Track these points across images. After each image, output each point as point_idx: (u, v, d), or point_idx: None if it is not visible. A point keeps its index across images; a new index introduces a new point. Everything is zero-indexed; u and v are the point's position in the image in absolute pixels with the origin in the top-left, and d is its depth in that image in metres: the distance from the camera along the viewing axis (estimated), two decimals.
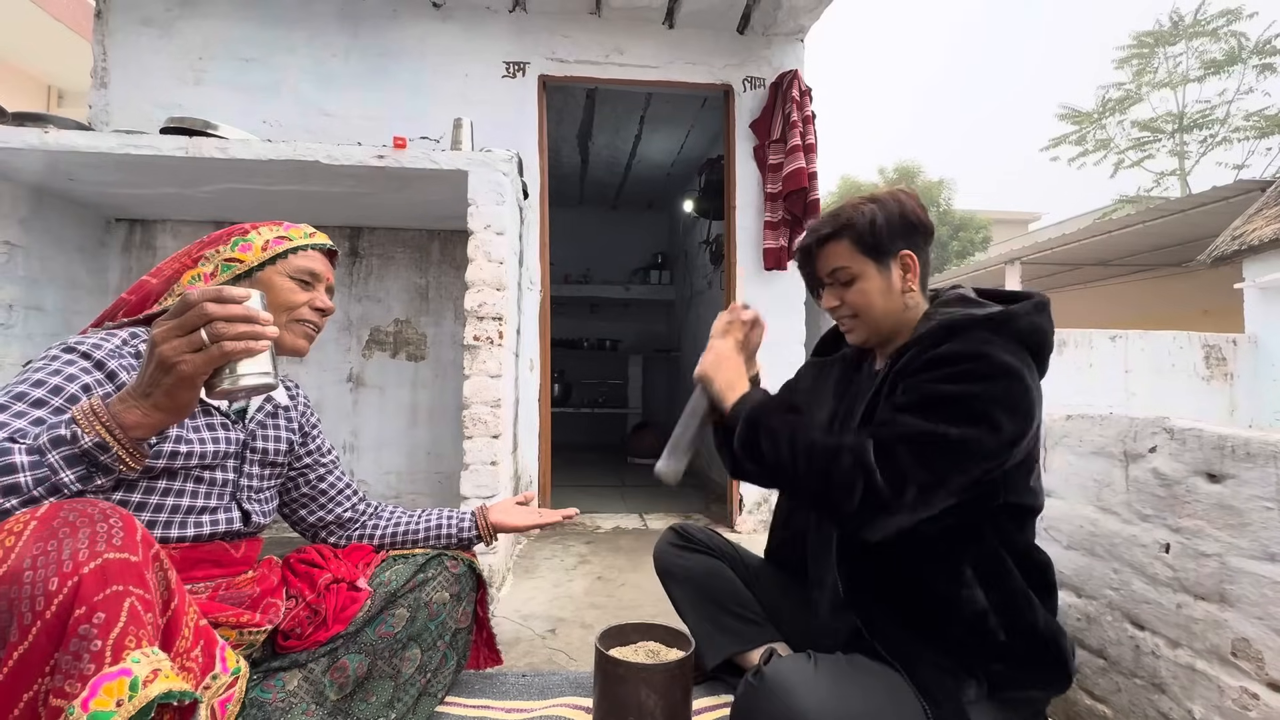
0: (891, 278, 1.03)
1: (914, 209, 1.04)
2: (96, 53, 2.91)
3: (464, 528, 1.26)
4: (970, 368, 0.88)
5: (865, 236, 1.02)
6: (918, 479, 0.85)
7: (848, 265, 1.03)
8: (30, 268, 2.43)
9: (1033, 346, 0.95)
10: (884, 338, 1.07)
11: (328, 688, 1.01)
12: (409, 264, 2.99)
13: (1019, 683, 0.93)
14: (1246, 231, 6.06)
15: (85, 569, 0.59)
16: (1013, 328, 0.94)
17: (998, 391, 0.87)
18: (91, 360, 0.86)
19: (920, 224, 1.04)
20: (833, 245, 1.05)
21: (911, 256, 1.03)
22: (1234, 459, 0.98)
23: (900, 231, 1.03)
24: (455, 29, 3.07)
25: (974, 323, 0.94)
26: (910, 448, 0.86)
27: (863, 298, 1.04)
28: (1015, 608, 0.93)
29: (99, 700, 0.55)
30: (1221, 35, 13.01)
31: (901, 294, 1.04)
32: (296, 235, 1.06)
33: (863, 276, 1.03)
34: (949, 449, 0.85)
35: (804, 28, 3.22)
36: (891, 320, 1.05)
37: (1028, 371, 0.91)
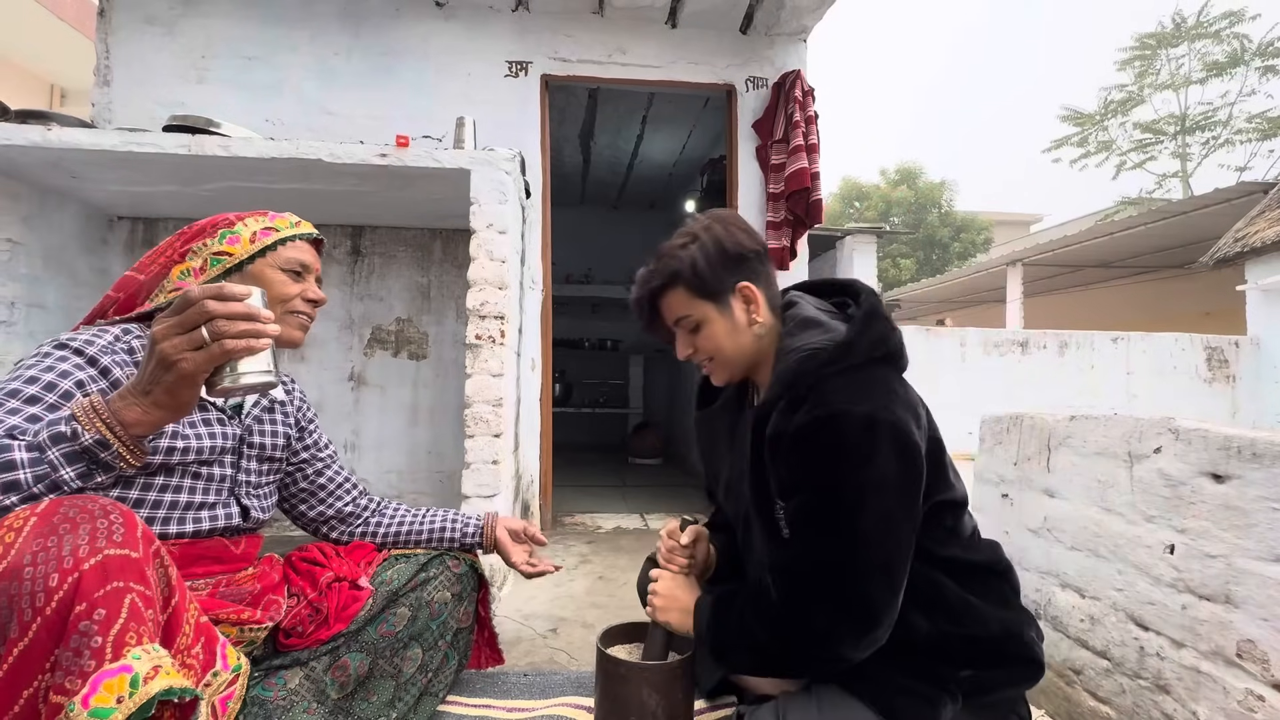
0: (734, 315, 1.00)
1: (734, 237, 1.00)
2: (99, 51, 2.91)
3: (468, 532, 1.26)
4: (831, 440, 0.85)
5: (694, 281, 0.99)
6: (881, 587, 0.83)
7: (689, 313, 1.01)
8: (33, 265, 2.43)
9: (884, 356, 0.93)
10: (748, 371, 1.05)
11: (329, 686, 1.00)
12: (411, 263, 2.99)
13: (992, 685, 0.92)
14: (1249, 233, 6.05)
15: (86, 565, 0.59)
16: (856, 354, 0.91)
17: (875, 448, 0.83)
18: (84, 356, 0.86)
19: (747, 250, 1.00)
20: (668, 295, 1.02)
21: (749, 287, 0.99)
22: (1240, 459, 0.97)
23: (730, 265, 0.99)
24: (458, 28, 3.06)
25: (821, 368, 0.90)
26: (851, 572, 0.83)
27: (712, 342, 1.01)
28: (959, 620, 0.91)
29: (99, 697, 0.55)
30: (1224, 37, 13.00)
31: (749, 326, 1.00)
32: (283, 225, 1.04)
33: (706, 321, 1.00)
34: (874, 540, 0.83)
35: (807, 28, 3.22)
36: (747, 354, 1.02)
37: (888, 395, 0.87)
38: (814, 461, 0.86)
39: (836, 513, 0.85)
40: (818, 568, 0.85)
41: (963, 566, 0.95)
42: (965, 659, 0.91)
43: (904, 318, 14.02)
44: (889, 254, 15.69)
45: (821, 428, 0.86)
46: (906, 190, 17.08)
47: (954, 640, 0.90)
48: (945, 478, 0.95)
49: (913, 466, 0.86)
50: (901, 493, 0.85)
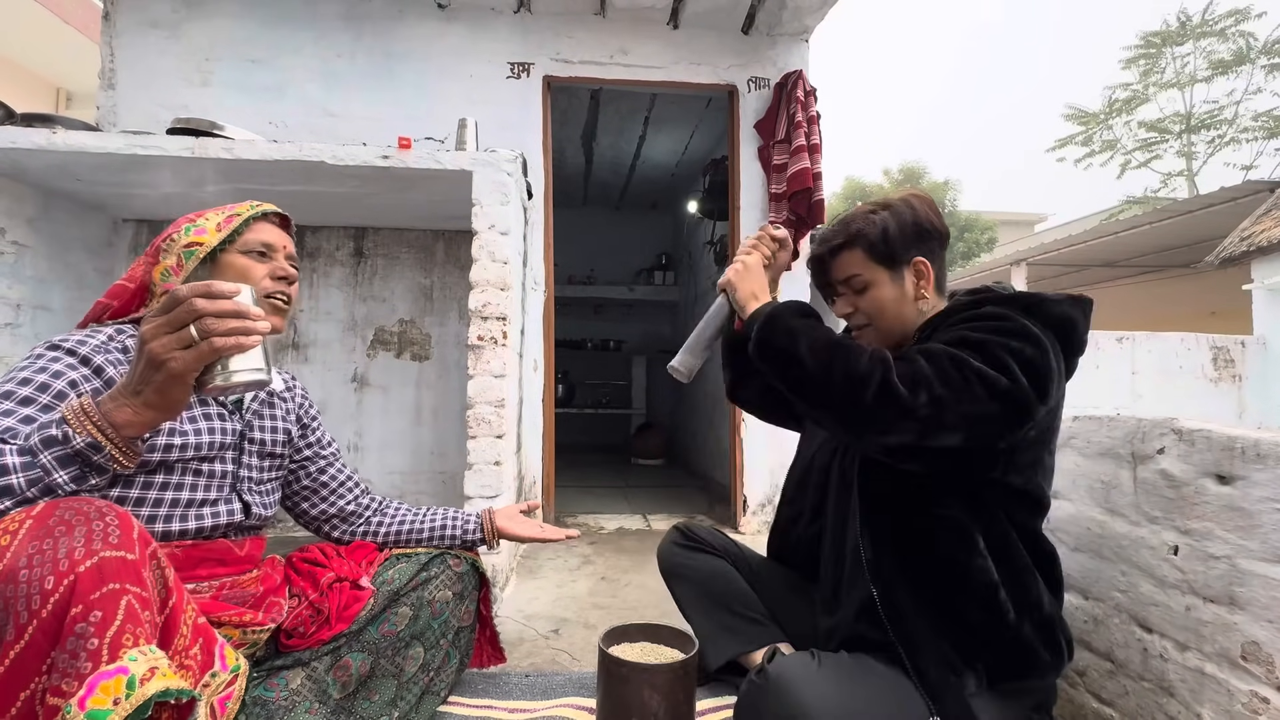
0: (905, 285, 1.03)
1: (927, 215, 1.04)
2: (104, 54, 2.93)
3: (469, 530, 1.26)
4: (998, 324, 0.89)
5: (878, 245, 1.02)
6: (934, 388, 0.84)
7: (860, 273, 1.04)
8: (38, 267, 2.45)
9: (1061, 334, 0.94)
10: (899, 343, 1.07)
11: (331, 686, 1.00)
12: (413, 264, 2.99)
13: (1018, 671, 0.93)
14: (1255, 233, 6.01)
15: (81, 567, 0.59)
16: (1043, 311, 0.94)
17: (1020, 349, 0.87)
18: (77, 356, 0.86)
19: (933, 230, 1.04)
20: (845, 254, 1.05)
21: (925, 263, 1.03)
22: (1244, 460, 0.97)
23: (913, 239, 1.02)
24: (460, 30, 3.07)
25: (1004, 299, 0.95)
26: (932, 362, 0.86)
27: (876, 305, 1.03)
28: (1023, 584, 0.93)
29: (96, 699, 0.55)
30: (1229, 35, 12.93)
31: (915, 301, 1.03)
32: (244, 210, 1.04)
33: (876, 284, 1.03)
34: (967, 373, 0.85)
35: (809, 28, 3.21)
36: (904, 326, 1.04)
37: (1052, 350, 0.90)
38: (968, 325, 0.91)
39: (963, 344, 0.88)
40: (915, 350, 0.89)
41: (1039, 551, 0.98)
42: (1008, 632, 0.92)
43: None
44: None
45: (992, 315, 0.91)
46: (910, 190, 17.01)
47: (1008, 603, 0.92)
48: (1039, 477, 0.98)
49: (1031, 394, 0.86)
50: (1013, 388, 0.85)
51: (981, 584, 0.92)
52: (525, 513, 1.33)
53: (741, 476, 3.08)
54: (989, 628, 0.92)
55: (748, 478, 3.08)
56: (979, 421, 0.86)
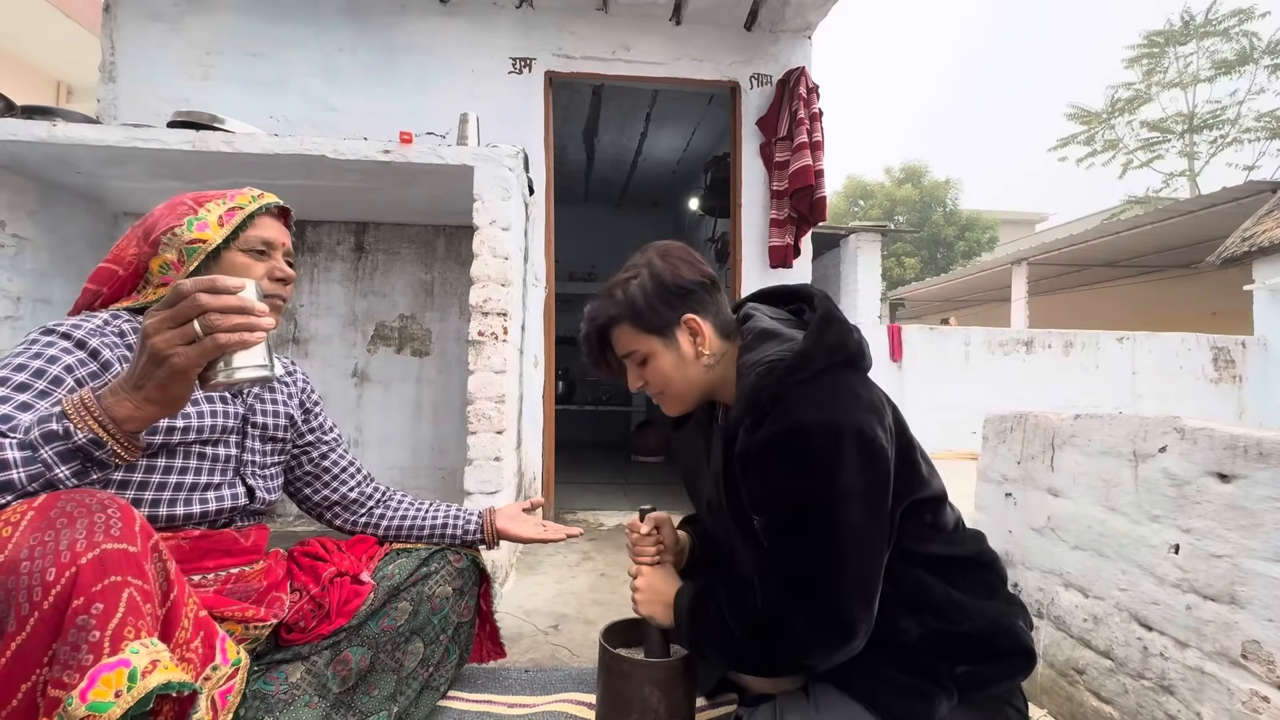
0: (682, 347, 0.99)
1: (675, 271, 0.99)
2: (105, 47, 2.92)
3: (469, 529, 1.25)
4: (795, 451, 0.84)
5: (637, 319, 0.99)
6: (856, 597, 0.83)
7: (635, 348, 1.00)
8: (38, 260, 2.44)
9: (843, 361, 0.92)
10: (702, 399, 1.04)
11: (330, 680, 1.00)
12: (414, 259, 2.99)
13: (986, 679, 0.91)
14: (1256, 233, 6.01)
15: (83, 559, 0.59)
16: (815, 362, 0.90)
17: (834, 462, 0.83)
18: (72, 340, 0.85)
19: (689, 284, 0.99)
20: (614, 331, 1.02)
21: (694, 319, 0.98)
22: (1246, 459, 0.97)
23: (672, 300, 0.98)
24: (462, 24, 3.06)
25: (780, 381, 0.89)
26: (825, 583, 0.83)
27: (660, 375, 1.00)
28: (948, 618, 0.90)
29: (97, 691, 0.55)
30: (1233, 35, 12.91)
31: (696, 359, 0.99)
32: (245, 202, 1.01)
33: (653, 355, 1.00)
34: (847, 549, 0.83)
35: (811, 24, 3.20)
36: (697, 386, 1.01)
37: (851, 403, 0.87)
38: (781, 476, 0.86)
39: (808, 526, 0.84)
40: (793, 580, 0.85)
41: (946, 562, 0.94)
42: (958, 656, 0.90)
43: (908, 316, 13.98)
44: (893, 253, 15.65)
45: (785, 441, 0.85)
46: (911, 189, 17.02)
47: (945, 638, 0.90)
48: (919, 474, 0.95)
49: (880, 472, 0.85)
50: (870, 500, 0.84)
51: (914, 639, 0.90)
52: (528, 510, 1.33)
53: None
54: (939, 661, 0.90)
55: None
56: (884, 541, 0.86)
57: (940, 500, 0.97)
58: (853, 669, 0.89)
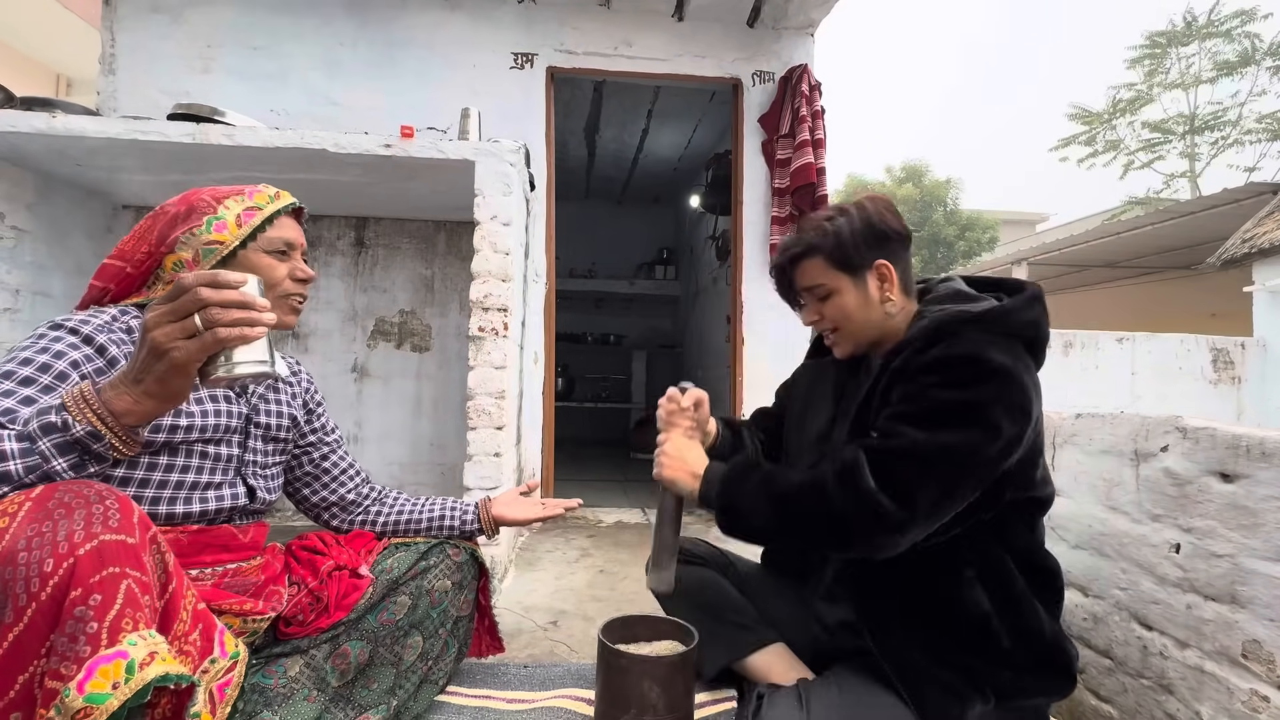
0: (868, 289, 1.01)
1: (882, 217, 1.02)
2: (105, 39, 2.91)
3: (467, 519, 1.25)
4: (964, 372, 0.87)
5: (836, 252, 1.00)
6: (927, 494, 0.84)
7: (823, 282, 1.02)
8: (37, 253, 2.44)
9: (1027, 340, 0.94)
10: (871, 346, 1.05)
11: (329, 674, 1.00)
12: (415, 255, 2.98)
13: (1025, 691, 0.92)
14: (1257, 234, 6.01)
15: (81, 550, 0.59)
16: (1006, 324, 0.92)
17: (993, 393, 0.86)
18: (79, 335, 0.85)
19: (891, 231, 1.02)
20: (805, 263, 1.03)
21: (887, 266, 1.01)
22: (1248, 459, 0.96)
23: (872, 242, 1.01)
24: (463, 19, 3.05)
25: (966, 321, 0.92)
26: (913, 462, 0.85)
27: (840, 312, 1.02)
28: (1019, 612, 0.91)
29: (95, 682, 0.55)
30: (1235, 36, 12.88)
31: (880, 304, 1.02)
32: (263, 201, 1.01)
33: (839, 291, 1.02)
34: (952, 458, 0.84)
35: (814, 21, 3.20)
36: (874, 330, 1.03)
37: (1023, 368, 0.89)
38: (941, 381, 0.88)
39: (943, 419, 0.86)
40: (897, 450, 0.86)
41: (1034, 566, 0.96)
42: (1008, 656, 0.90)
43: None
44: None
45: (959, 361, 0.88)
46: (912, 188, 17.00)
47: (1005, 631, 0.90)
48: (1040, 473, 0.96)
49: (1016, 432, 0.86)
50: (1003, 443, 0.85)
51: (975, 614, 0.90)
52: (525, 494, 1.32)
53: None
54: (986, 655, 0.90)
55: None
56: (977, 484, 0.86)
57: (1044, 506, 0.99)
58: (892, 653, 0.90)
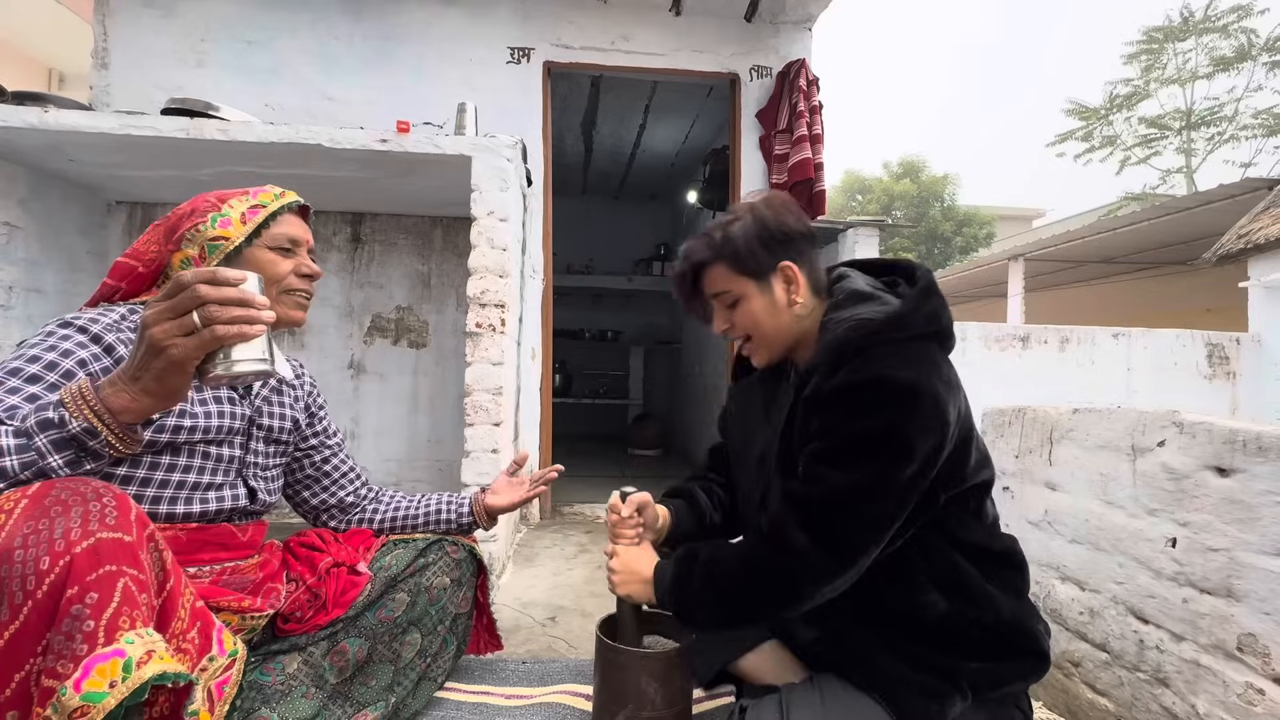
0: (774, 293, 0.99)
1: (780, 219, 1.00)
2: (97, 33, 2.88)
3: (463, 513, 1.25)
4: (870, 398, 0.85)
5: (736, 258, 0.99)
6: (856, 535, 0.84)
7: (728, 289, 1.01)
8: (30, 249, 2.42)
9: (933, 333, 0.93)
10: (787, 351, 1.04)
11: (327, 671, 1.00)
12: (411, 251, 2.97)
13: (1000, 680, 0.91)
14: (1252, 230, 6.03)
15: (77, 548, 0.58)
16: (908, 327, 0.90)
17: (903, 415, 0.84)
18: (88, 334, 0.84)
19: (792, 232, 1.00)
20: (709, 271, 1.02)
21: (791, 268, 0.99)
22: (1245, 453, 0.97)
23: (773, 245, 0.99)
24: (459, 13, 3.03)
25: (869, 335, 0.90)
26: (836, 508, 0.84)
27: (749, 319, 1.01)
28: (978, 605, 0.91)
29: (91, 681, 0.54)
30: (1232, 31, 12.88)
31: (789, 307, 1.00)
32: (268, 200, 1.01)
33: (745, 297, 1.00)
34: (873, 493, 0.84)
35: (812, 16, 3.19)
36: (786, 334, 1.01)
37: (931, 373, 0.87)
38: (850, 415, 0.87)
39: (857, 454, 0.85)
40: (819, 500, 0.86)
41: (984, 554, 0.95)
42: (976, 648, 0.90)
43: None
44: (891, 248, 15.63)
45: (863, 388, 0.87)
46: (909, 184, 17.01)
47: (968, 625, 0.90)
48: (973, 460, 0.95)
49: (936, 443, 0.86)
50: (921, 462, 0.84)
51: (935, 617, 0.90)
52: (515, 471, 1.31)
53: None
54: (954, 654, 0.90)
55: None
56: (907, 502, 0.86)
57: (986, 488, 0.98)
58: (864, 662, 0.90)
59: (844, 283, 1.02)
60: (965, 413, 0.94)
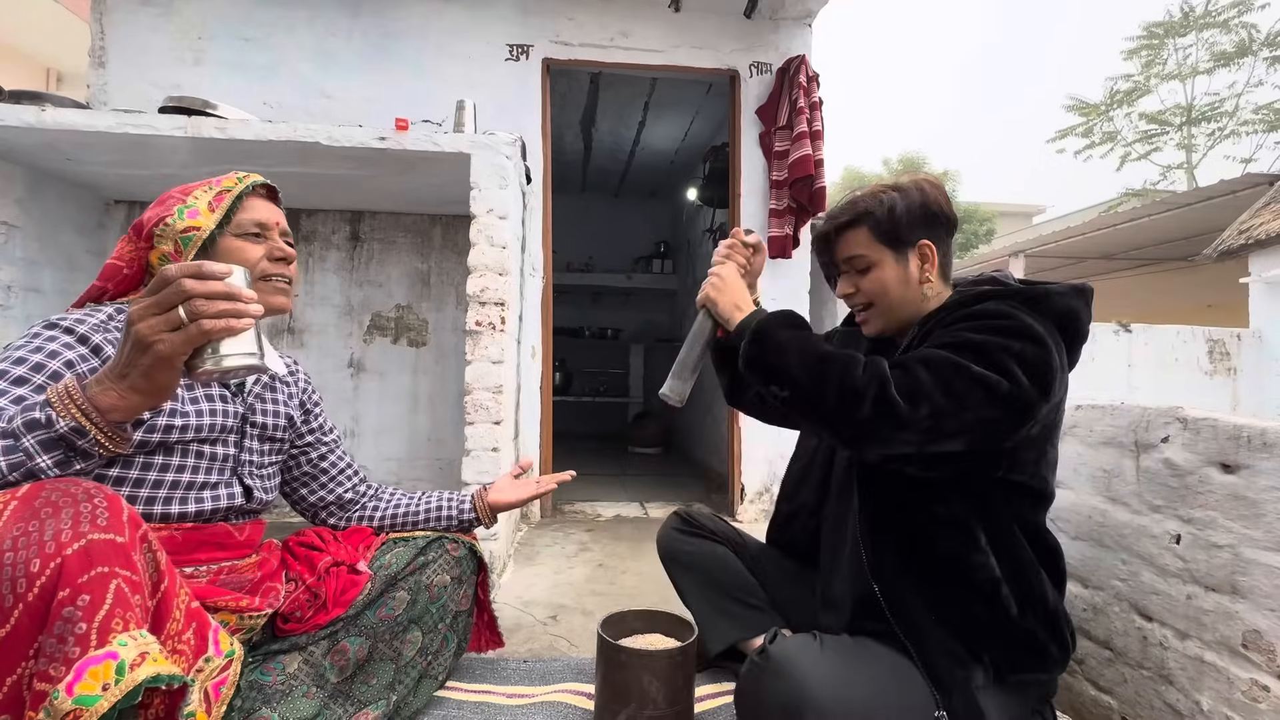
0: (909, 267, 1.01)
1: (936, 199, 1.02)
2: (94, 31, 2.87)
3: (464, 510, 1.25)
4: (1000, 324, 0.88)
5: (884, 225, 1.00)
6: (934, 399, 0.83)
7: (864, 253, 1.02)
8: (28, 249, 2.41)
9: (1064, 327, 0.93)
10: (901, 328, 1.05)
11: (328, 670, 1.00)
12: (410, 249, 2.96)
13: (1025, 665, 0.92)
14: (1253, 226, 6.01)
15: (68, 550, 0.58)
16: (1046, 305, 0.93)
17: (1022, 349, 0.86)
18: (75, 335, 0.84)
19: (942, 215, 1.02)
20: (851, 233, 1.03)
21: (930, 247, 1.01)
22: (1249, 449, 0.96)
23: (920, 221, 1.01)
24: (458, 10, 3.02)
25: (1007, 293, 0.94)
26: (931, 370, 0.85)
27: (878, 285, 1.02)
28: (1026, 579, 0.92)
29: (84, 684, 0.54)
30: (1232, 27, 12.84)
31: (919, 284, 1.02)
32: (231, 184, 0.99)
33: (879, 265, 1.02)
34: (969, 381, 0.84)
35: (812, 12, 3.17)
36: (907, 310, 1.03)
37: (1054, 346, 0.89)
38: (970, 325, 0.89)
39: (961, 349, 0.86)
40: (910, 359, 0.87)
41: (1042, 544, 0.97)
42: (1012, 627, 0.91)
43: None
44: None
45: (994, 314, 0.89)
46: None
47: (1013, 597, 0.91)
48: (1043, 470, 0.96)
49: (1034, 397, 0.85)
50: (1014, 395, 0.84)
51: (984, 580, 0.91)
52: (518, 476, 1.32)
53: (739, 465, 3.08)
54: (993, 622, 0.91)
55: (745, 466, 3.07)
56: (981, 426, 0.85)
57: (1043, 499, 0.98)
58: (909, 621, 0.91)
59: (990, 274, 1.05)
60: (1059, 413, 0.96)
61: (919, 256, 1.02)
